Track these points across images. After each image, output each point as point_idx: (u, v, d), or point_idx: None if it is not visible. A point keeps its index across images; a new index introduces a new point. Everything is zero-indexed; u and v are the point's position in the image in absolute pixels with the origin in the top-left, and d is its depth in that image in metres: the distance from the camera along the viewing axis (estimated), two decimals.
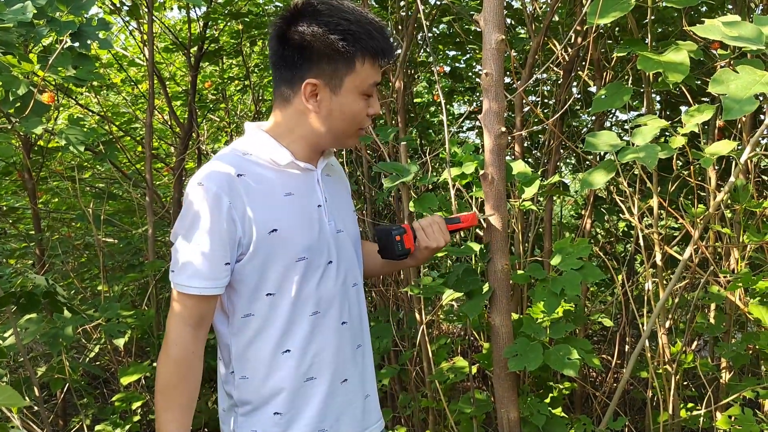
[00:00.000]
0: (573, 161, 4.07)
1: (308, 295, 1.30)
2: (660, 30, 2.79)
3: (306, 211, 1.33)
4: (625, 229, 3.71)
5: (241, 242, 1.26)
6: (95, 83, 3.69)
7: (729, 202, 2.06)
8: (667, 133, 1.98)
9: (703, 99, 2.54)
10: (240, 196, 1.25)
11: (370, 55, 1.29)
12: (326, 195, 1.38)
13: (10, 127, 1.90)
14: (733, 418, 1.90)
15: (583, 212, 3.26)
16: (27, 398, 2.28)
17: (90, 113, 3.90)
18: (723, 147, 1.53)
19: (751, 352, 2.30)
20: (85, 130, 2.10)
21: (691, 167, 1.94)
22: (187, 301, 1.26)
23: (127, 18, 3.43)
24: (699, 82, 2.26)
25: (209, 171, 1.27)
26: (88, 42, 1.93)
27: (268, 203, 1.28)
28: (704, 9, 2.83)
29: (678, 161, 2.88)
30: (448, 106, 4.36)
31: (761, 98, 2.10)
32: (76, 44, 1.93)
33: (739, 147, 1.89)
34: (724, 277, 1.98)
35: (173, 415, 1.27)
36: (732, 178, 1.67)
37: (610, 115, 3.45)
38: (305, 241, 1.29)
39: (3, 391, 0.58)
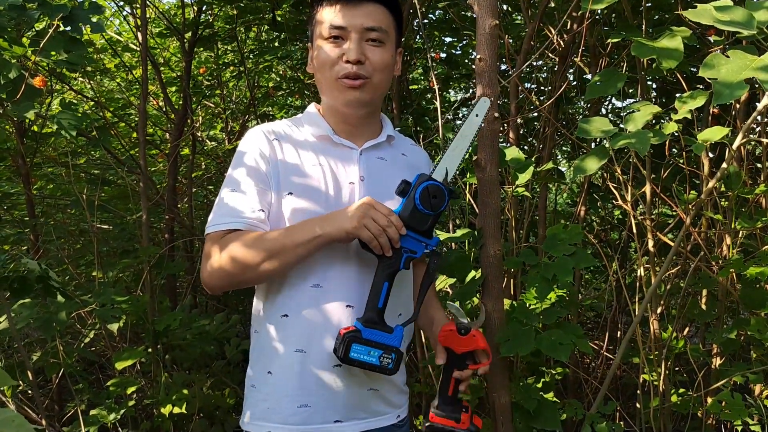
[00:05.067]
0: (568, 148, 4.07)
1: (310, 266, 1.30)
2: (656, 17, 2.78)
3: (331, 186, 1.33)
4: (620, 216, 3.72)
5: (271, 176, 1.32)
6: (89, 68, 3.66)
7: (722, 188, 2.07)
8: (662, 120, 1.99)
9: (698, 86, 2.54)
10: (273, 150, 1.34)
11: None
12: (366, 175, 1.37)
13: (1, 112, 1.89)
14: (723, 403, 1.92)
15: (577, 199, 3.26)
16: (21, 382, 2.28)
17: (84, 99, 3.88)
18: (715, 133, 1.53)
19: (742, 338, 2.31)
20: (78, 114, 2.09)
21: (684, 154, 1.94)
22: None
23: (121, 2, 3.40)
24: (694, 69, 2.26)
25: (252, 129, 1.39)
26: (80, 26, 1.92)
27: (293, 170, 1.33)
28: None
29: (674, 149, 2.89)
30: (444, 93, 4.35)
31: (757, 84, 2.10)
32: (68, 28, 1.91)
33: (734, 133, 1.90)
34: (716, 263, 1.99)
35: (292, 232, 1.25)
36: (724, 165, 1.67)
37: (606, 102, 3.44)
38: (316, 212, 1.30)
39: None
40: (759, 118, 2.26)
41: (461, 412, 1.35)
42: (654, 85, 3.10)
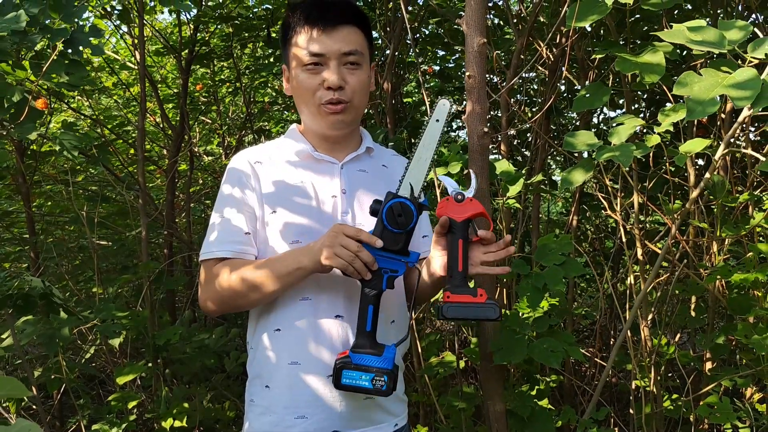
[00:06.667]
0: (562, 159, 4.12)
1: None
2: (645, 28, 2.83)
3: (314, 199, 1.38)
4: (614, 224, 3.76)
5: (255, 198, 1.38)
6: (87, 87, 3.71)
7: (710, 197, 2.12)
8: (651, 130, 2.03)
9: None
10: (256, 173, 1.39)
11: (300, 24, 1.37)
12: (348, 187, 1.41)
13: (5, 133, 1.94)
14: (715, 407, 1.96)
15: (571, 209, 3.31)
16: (25, 397, 2.31)
17: (82, 117, 3.93)
18: (696, 145, 1.58)
19: (734, 343, 2.35)
20: (78, 134, 2.13)
21: (668, 164, 1.99)
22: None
23: (118, 22, 3.46)
24: None
25: (235, 155, 1.45)
26: (80, 48, 1.97)
27: (276, 189, 1.38)
28: (688, 7, 2.87)
29: (663, 158, 2.93)
30: None
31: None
32: (69, 51, 1.96)
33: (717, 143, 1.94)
34: (703, 270, 2.04)
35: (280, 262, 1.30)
36: (707, 175, 1.72)
37: (598, 112, 3.50)
38: (301, 225, 1.35)
39: (6, 383, 0.62)
40: (743, 127, 2.31)
41: (476, 287, 1.29)
42: (644, 96, 3.16)
